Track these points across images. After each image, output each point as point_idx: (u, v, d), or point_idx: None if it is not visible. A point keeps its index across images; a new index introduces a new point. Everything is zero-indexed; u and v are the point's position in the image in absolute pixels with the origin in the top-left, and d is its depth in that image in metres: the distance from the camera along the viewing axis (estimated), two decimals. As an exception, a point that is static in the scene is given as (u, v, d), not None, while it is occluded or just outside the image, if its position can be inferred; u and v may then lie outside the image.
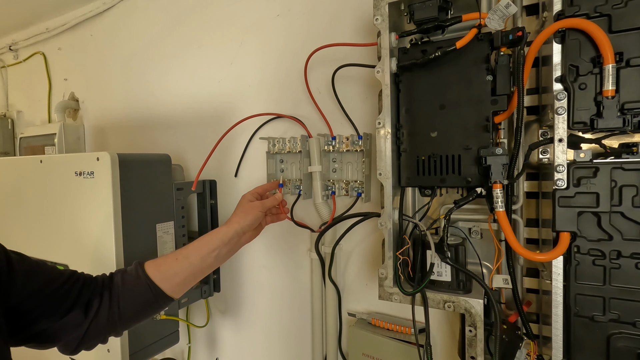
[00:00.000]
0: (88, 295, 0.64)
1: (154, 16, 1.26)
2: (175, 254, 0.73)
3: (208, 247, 0.73)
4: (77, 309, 0.62)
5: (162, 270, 0.70)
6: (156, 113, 1.28)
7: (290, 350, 1.05)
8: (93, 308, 0.63)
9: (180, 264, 0.71)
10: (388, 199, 0.66)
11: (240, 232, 0.76)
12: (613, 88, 0.51)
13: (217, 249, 0.74)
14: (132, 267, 0.71)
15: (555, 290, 0.56)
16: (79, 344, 0.63)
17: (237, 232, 0.76)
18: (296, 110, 0.98)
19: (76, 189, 0.88)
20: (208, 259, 0.73)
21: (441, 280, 0.66)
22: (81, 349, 0.64)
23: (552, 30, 0.54)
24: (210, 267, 0.75)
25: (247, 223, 0.77)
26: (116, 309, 0.65)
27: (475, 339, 0.62)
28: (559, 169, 0.54)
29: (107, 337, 0.67)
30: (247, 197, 0.82)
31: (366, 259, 0.92)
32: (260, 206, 0.79)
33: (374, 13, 0.66)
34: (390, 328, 0.84)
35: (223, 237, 0.75)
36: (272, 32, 1.02)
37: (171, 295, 0.70)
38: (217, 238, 0.75)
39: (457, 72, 0.64)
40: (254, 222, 0.78)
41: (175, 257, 0.72)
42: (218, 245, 0.74)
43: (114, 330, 0.66)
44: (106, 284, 0.67)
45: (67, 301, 0.61)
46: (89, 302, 0.64)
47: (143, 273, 0.69)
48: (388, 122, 0.66)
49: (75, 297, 0.62)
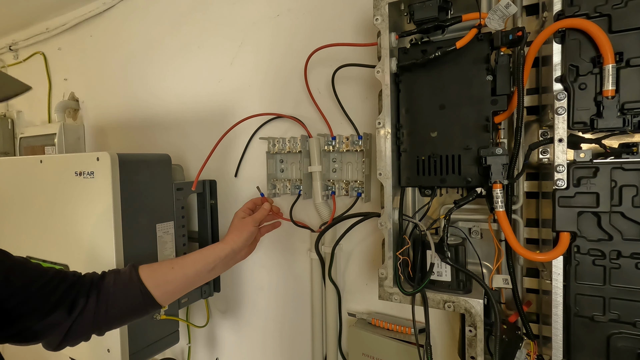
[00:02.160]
0: (74, 295, 0.64)
1: (154, 16, 1.26)
2: (171, 262, 0.73)
3: (205, 261, 0.75)
4: (61, 308, 0.62)
5: (156, 277, 0.70)
6: (156, 113, 1.28)
7: (290, 350, 1.05)
8: (78, 307, 0.63)
9: (175, 273, 0.72)
10: (388, 199, 0.66)
11: (236, 249, 0.79)
12: (613, 88, 0.51)
13: (213, 264, 0.76)
14: (126, 269, 0.71)
15: (555, 290, 0.56)
16: (61, 342, 0.64)
17: (233, 250, 0.78)
18: (296, 110, 0.98)
19: (76, 189, 0.88)
20: (203, 272, 0.75)
21: (441, 280, 0.66)
22: (64, 347, 0.65)
23: (552, 30, 0.54)
24: (203, 280, 0.76)
25: (242, 240, 0.79)
26: (103, 310, 0.65)
27: (475, 339, 0.62)
28: (559, 169, 0.54)
29: (90, 336, 0.67)
30: (239, 215, 0.84)
31: (366, 259, 0.92)
32: (251, 221, 0.82)
33: (374, 13, 0.66)
34: (390, 328, 0.84)
35: (220, 253, 0.77)
36: (272, 32, 1.02)
37: (160, 303, 0.71)
38: (214, 253, 0.77)
39: (457, 72, 0.64)
40: (249, 238, 0.81)
41: (172, 266, 0.73)
42: (214, 260, 0.76)
43: (97, 330, 0.66)
44: (95, 283, 0.67)
45: (50, 300, 0.61)
46: (74, 301, 0.64)
47: (137, 277, 0.69)
48: (388, 122, 0.66)
49: (60, 296, 0.62)
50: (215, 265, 0.76)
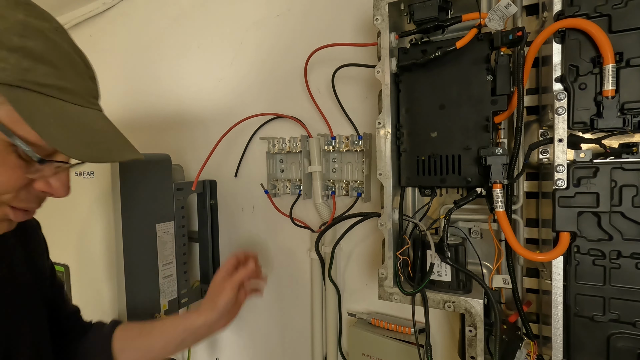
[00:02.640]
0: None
1: (153, 16, 1.26)
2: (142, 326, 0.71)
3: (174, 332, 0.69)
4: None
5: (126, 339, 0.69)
6: (156, 113, 1.27)
7: (290, 350, 1.05)
8: None
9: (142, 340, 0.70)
10: (388, 199, 0.66)
11: (210, 322, 0.69)
12: (613, 88, 0.51)
13: (180, 337, 0.69)
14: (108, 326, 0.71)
15: (555, 290, 0.56)
16: None
17: (205, 323, 0.69)
18: (296, 110, 0.98)
19: (76, 189, 0.88)
20: (170, 346, 0.69)
21: (441, 280, 0.66)
22: None
23: (552, 30, 0.54)
24: (170, 353, 0.70)
25: (218, 311, 0.69)
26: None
27: (475, 339, 0.62)
28: (559, 169, 0.54)
29: None
30: (219, 276, 0.73)
31: (366, 259, 0.92)
32: (230, 286, 0.70)
33: (374, 13, 0.66)
34: (390, 328, 0.84)
35: (189, 327, 0.69)
36: (272, 32, 1.02)
37: None
38: (184, 327, 0.69)
39: (457, 72, 0.64)
40: (226, 306, 0.69)
41: (141, 331, 0.70)
42: (182, 335, 0.69)
43: None
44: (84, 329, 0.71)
45: None
46: None
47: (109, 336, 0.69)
48: (388, 122, 0.66)
49: None
50: (185, 340, 0.69)
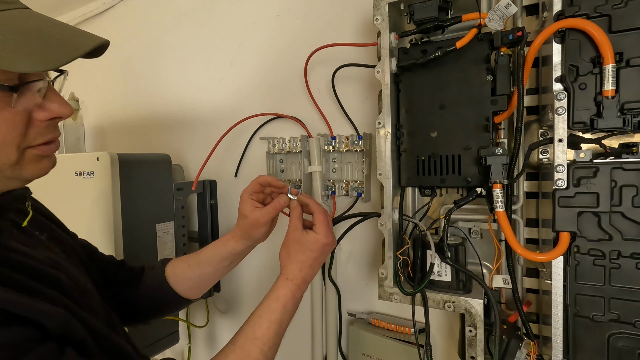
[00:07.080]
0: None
1: (153, 16, 1.26)
2: (188, 259, 0.72)
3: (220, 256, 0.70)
4: None
5: (177, 273, 0.71)
6: (156, 113, 1.27)
7: (290, 350, 1.05)
8: None
9: (192, 270, 0.71)
10: (388, 199, 0.66)
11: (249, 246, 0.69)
12: (613, 88, 0.51)
13: (228, 261, 0.70)
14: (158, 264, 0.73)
15: (555, 290, 0.56)
16: None
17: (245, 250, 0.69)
18: (296, 110, 0.98)
19: (76, 189, 0.88)
20: (219, 272, 0.72)
21: (441, 280, 0.66)
22: None
23: (552, 30, 0.54)
24: (221, 276, 0.74)
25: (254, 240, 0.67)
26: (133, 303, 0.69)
27: (475, 339, 0.62)
28: (559, 169, 0.54)
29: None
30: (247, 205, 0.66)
31: (366, 259, 0.92)
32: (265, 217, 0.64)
33: (374, 13, 0.66)
34: (390, 328, 0.84)
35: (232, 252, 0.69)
36: (272, 32, 1.02)
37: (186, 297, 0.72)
38: (226, 250, 0.69)
39: (457, 72, 0.64)
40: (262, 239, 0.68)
41: (188, 264, 0.71)
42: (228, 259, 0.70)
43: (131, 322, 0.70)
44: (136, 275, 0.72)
45: None
46: None
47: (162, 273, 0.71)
48: (388, 122, 0.66)
49: None
50: (232, 261, 0.71)
